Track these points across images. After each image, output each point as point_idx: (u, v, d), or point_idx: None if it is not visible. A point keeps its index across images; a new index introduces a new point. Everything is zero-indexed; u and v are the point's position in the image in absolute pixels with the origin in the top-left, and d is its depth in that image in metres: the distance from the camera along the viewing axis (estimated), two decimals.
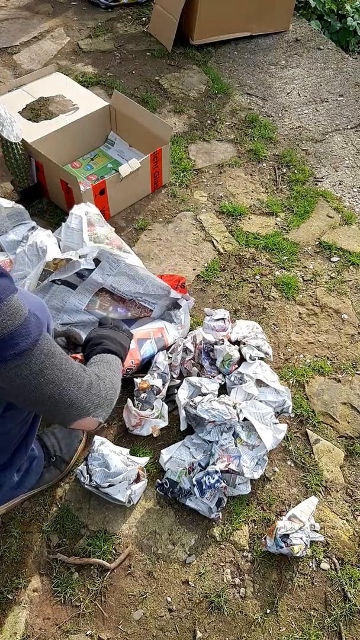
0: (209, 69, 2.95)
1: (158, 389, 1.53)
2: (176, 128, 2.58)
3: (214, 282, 1.99)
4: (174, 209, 2.24)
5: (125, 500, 1.39)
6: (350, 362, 1.79)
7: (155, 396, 1.53)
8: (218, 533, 1.42)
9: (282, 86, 2.91)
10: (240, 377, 1.61)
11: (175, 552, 1.39)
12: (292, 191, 2.34)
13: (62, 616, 1.30)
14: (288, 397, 1.58)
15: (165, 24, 2.98)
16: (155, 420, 1.53)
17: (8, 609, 1.30)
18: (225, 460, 1.43)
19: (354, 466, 1.57)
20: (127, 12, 3.34)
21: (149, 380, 1.55)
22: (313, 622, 1.31)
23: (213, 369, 1.65)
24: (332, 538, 1.43)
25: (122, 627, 1.29)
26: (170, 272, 1.99)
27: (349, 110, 2.78)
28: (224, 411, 1.46)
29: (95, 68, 2.89)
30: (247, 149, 2.52)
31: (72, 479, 1.48)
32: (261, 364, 1.64)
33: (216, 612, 1.32)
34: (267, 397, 1.56)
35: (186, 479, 1.43)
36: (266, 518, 1.45)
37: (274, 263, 2.06)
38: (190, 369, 1.65)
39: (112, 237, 1.73)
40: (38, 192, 2.16)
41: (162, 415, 1.54)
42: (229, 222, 2.20)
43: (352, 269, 2.06)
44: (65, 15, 3.26)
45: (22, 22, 3.17)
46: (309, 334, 1.86)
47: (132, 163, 2.04)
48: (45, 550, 1.38)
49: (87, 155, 2.38)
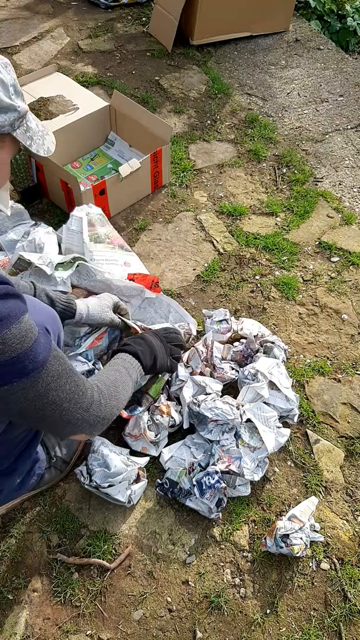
0: (209, 69, 2.95)
1: (173, 423, 1.51)
2: (176, 128, 2.59)
3: (214, 282, 1.99)
4: (174, 209, 2.24)
5: (125, 500, 1.39)
6: (350, 362, 1.79)
7: (168, 427, 1.52)
8: (218, 533, 1.42)
9: (282, 86, 2.91)
10: (255, 373, 1.57)
11: (175, 552, 1.39)
12: (292, 191, 2.34)
13: (62, 616, 1.30)
14: (297, 406, 1.57)
15: (165, 24, 2.98)
16: (149, 445, 1.51)
17: (8, 609, 1.30)
18: (226, 461, 1.43)
19: (354, 466, 1.57)
20: (127, 12, 3.34)
21: (172, 408, 1.53)
22: (313, 622, 1.31)
23: (224, 363, 1.63)
24: (332, 538, 1.43)
25: (122, 627, 1.29)
26: (170, 272, 1.98)
27: (349, 110, 2.78)
28: (227, 411, 1.46)
29: (95, 68, 2.89)
30: (247, 149, 2.52)
31: (72, 479, 1.48)
32: (279, 364, 1.60)
33: (216, 612, 1.32)
34: (276, 402, 1.55)
35: (186, 479, 1.43)
36: (266, 518, 1.45)
37: (274, 263, 2.06)
38: (204, 369, 1.64)
39: (113, 236, 1.73)
40: (38, 192, 2.16)
41: (157, 445, 1.52)
42: (229, 222, 2.20)
43: (352, 269, 2.06)
44: (65, 16, 3.27)
45: (22, 22, 3.17)
46: (309, 334, 1.86)
47: (132, 163, 2.04)
48: (45, 550, 1.38)
49: (87, 156, 2.38)
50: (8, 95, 0.92)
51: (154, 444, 1.51)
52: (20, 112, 0.95)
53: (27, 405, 0.92)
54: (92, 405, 1.04)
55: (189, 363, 1.64)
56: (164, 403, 1.54)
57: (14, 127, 0.95)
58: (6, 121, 0.93)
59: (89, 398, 1.03)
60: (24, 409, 0.93)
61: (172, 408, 1.54)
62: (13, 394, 0.88)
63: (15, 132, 0.97)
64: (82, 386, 1.01)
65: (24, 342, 0.87)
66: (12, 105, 0.92)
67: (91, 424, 1.06)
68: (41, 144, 1.04)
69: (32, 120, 1.02)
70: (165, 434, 1.53)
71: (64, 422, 1.00)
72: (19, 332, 0.86)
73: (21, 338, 0.86)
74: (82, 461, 1.46)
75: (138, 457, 1.47)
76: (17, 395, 0.89)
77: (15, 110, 0.94)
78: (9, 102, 0.92)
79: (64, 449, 1.48)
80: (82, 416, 1.02)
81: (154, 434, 1.50)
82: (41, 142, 1.04)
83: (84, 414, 1.02)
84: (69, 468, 1.48)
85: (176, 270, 2.01)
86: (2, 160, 0.97)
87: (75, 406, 0.99)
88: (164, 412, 1.52)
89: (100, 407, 1.07)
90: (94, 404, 1.05)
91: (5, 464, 1.20)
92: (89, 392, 1.04)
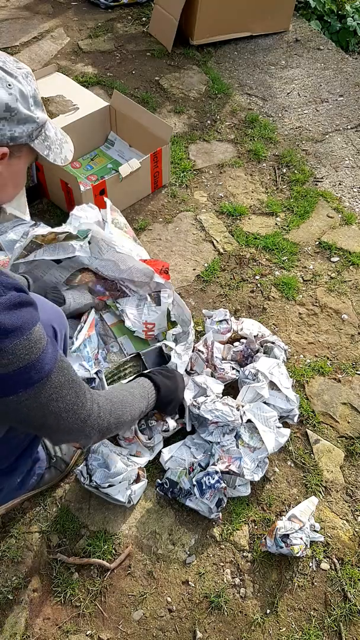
0: (209, 69, 2.95)
1: (166, 429, 1.51)
2: (176, 128, 2.59)
3: (214, 282, 1.99)
4: (174, 209, 2.24)
5: (125, 500, 1.39)
6: (350, 362, 1.79)
7: (162, 432, 1.52)
8: (218, 533, 1.42)
9: (282, 86, 2.91)
10: (255, 373, 1.57)
11: (175, 552, 1.39)
12: (292, 191, 2.34)
13: (62, 616, 1.30)
14: (297, 406, 1.57)
15: (165, 24, 2.98)
16: (142, 449, 1.50)
17: (8, 609, 1.30)
18: (226, 461, 1.43)
19: (354, 466, 1.57)
20: (127, 13, 3.34)
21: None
22: (313, 622, 1.31)
23: (225, 363, 1.64)
24: (332, 538, 1.43)
25: (122, 627, 1.29)
26: (170, 272, 1.98)
27: (349, 110, 2.78)
28: (227, 412, 1.46)
29: (95, 68, 2.89)
30: (247, 149, 2.52)
31: (72, 479, 1.48)
32: (279, 364, 1.60)
33: (216, 612, 1.32)
34: (276, 402, 1.55)
35: (186, 479, 1.43)
36: (266, 518, 1.45)
37: (274, 263, 2.06)
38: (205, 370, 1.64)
39: (129, 229, 1.74)
40: (38, 192, 2.16)
41: (152, 449, 1.51)
42: (229, 222, 2.20)
43: (352, 269, 2.06)
44: (65, 16, 3.27)
45: (22, 22, 3.17)
46: (309, 334, 1.86)
47: (132, 163, 2.04)
48: (45, 550, 1.38)
49: (87, 156, 2.38)
50: (27, 107, 0.91)
51: (148, 448, 1.50)
52: (38, 123, 0.94)
53: (28, 414, 0.92)
54: (89, 417, 1.04)
55: (193, 369, 1.64)
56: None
57: (32, 137, 0.95)
58: (24, 132, 0.92)
59: (87, 410, 1.03)
60: (25, 418, 0.93)
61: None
62: (18, 403, 0.89)
63: (33, 143, 0.96)
64: (83, 397, 1.02)
65: (32, 352, 0.87)
66: (31, 117, 0.91)
67: (86, 435, 1.07)
68: (59, 152, 1.04)
69: (51, 129, 1.01)
70: (160, 438, 1.52)
71: (61, 430, 1.01)
72: (29, 342, 0.86)
73: (30, 349, 0.86)
74: (82, 461, 1.46)
75: (138, 457, 1.47)
76: (20, 405, 0.89)
77: (34, 121, 0.93)
78: (28, 114, 0.91)
79: (64, 449, 1.48)
80: (78, 427, 1.03)
81: (146, 437, 1.50)
82: (59, 151, 1.03)
83: (81, 424, 1.03)
84: (69, 468, 1.48)
85: (176, 270, 2.01)
86: (19, 169, 0.96)
87: (73, 417, 1.00)
88: (158, 416, 1.52)
89: (98, 421, 1.07)
90: (92, 417, 1.05)
91: (6, 463, 1.20)
92: (88, 404, 1.04)
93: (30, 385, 0.88)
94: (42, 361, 0.89)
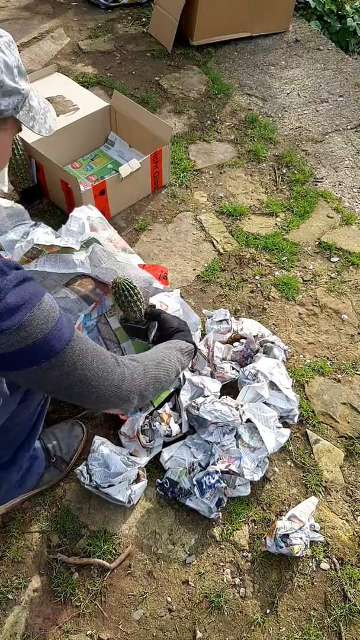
0: (209, 69, 2.96)
1: (169, 433, 1.50)
2: (176, 128, 2.59)
3: (214, 282, 1.99)
4: (174, 209, 2.24)
5: (125, 500, 1.39)
6: (350, 362, 1.79)
7: (163, 436, 1.51)
8: (218, 533, 1.42)
9: (282, 87, 2.91)
10: (255, 373, 1.57)
11: (175, 552, 1.39)
12: (292, 191, 2.34)
13: (62, 616, 1.30)
14: (297, 406, 1.57)
15: (165, 25, 2.98)
16: (141, 449, 1.50)
17: (8, 609, 1.30)
18: (226, 461, 1.43)
19: (354, 466, 1.57)
20: (127, 13, 3.34)
21: (172, 419, 1.53)
22: (313, 622, 1.31)
23: (225, 363, 1.64)
24: (332, 538, 1.43)
25: (122, 627, 1.29)
26: (170, 272, 1.99)
27: (348, 110, 2.78)
28: (226, 412, 1.46)
29: (95, 68, 2.89)
30: (247, 149, 2.52)
31: (72, 479, 1.48)
32: (279, 364, 1.60)
33: (216, 612, 1.32)
34: (276, 402, 1.55)
35: (186, 479, 1.43)
36: (266, 518, 1.45)
37: (274, 263, 2.07)
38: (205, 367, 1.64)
39: (116, 239, 1.73)
40: (38, 192, 2.16)
41: (150, 451, 1.50)
42: (229, 222, 2.21)
43: (352, 269, 2.06)
44: (65, 16, 3.27)
45: (22, 22, 3.18)
46: (309, 334, 1.86)
47: (132, 163, 2.04)
48: (45, 550, 1.38)
49: (87, 156, 2.38)
50: (12, 78, 0.89)
51: (146, 449, 1.50)
52: (24, 94, 0.93)
53: (52, 383, 0.93)
54: (123, 381, 1.05)
55: (194, 367, 1.64)
56: (166, 412, 1.53)
57: (17, 109, 0.93)
58: (10, 105, 0.90)
59: (118, 374, 1.04)
60: (50, 388, 0.95)
61: (172, 418, 1.53)
62: (39, 374, 0.90)
63: (18, 114, 0.94)
64: (110, 362, 1.02)
65: (48, 321, 0.88)
66: (17, 88, 0.90)
67: (125, 399, 1.07)
68: (43, 122, 1.02)
69: (34, 98, 0.99)
70: (160, 441, 1.52)
71: (95, 398, 1.01)
72: (42, 312, 0.87)
73: (45, 318, 0.87)
74: (82, 461, 1.46)
75: (138, 457, 1.47)
76: (43, 375, 0.91)
77: (19, 93, 0.91)
78: (14, 86, 0.89)
79: (64, 449, 1.48)
80: (113, 392, 1.03)
81: (147, 439, 1.49)
82: (43, 121, 1.02)
83: (116, 390, 1.03)
84: (69, 468, 1.48)
85: (176, 271, 2.02)
86: (5, 142, 0.96)
87: (105, 383, 1.00)
88: (164, 420, 1.52)
89: (132, 383, 1.08)
90: (126, 380, 1.06)
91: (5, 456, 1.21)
92: (119, 369, 1.04)
93: (53, 354, 0.89)
94: (60, 330, 0.90)
